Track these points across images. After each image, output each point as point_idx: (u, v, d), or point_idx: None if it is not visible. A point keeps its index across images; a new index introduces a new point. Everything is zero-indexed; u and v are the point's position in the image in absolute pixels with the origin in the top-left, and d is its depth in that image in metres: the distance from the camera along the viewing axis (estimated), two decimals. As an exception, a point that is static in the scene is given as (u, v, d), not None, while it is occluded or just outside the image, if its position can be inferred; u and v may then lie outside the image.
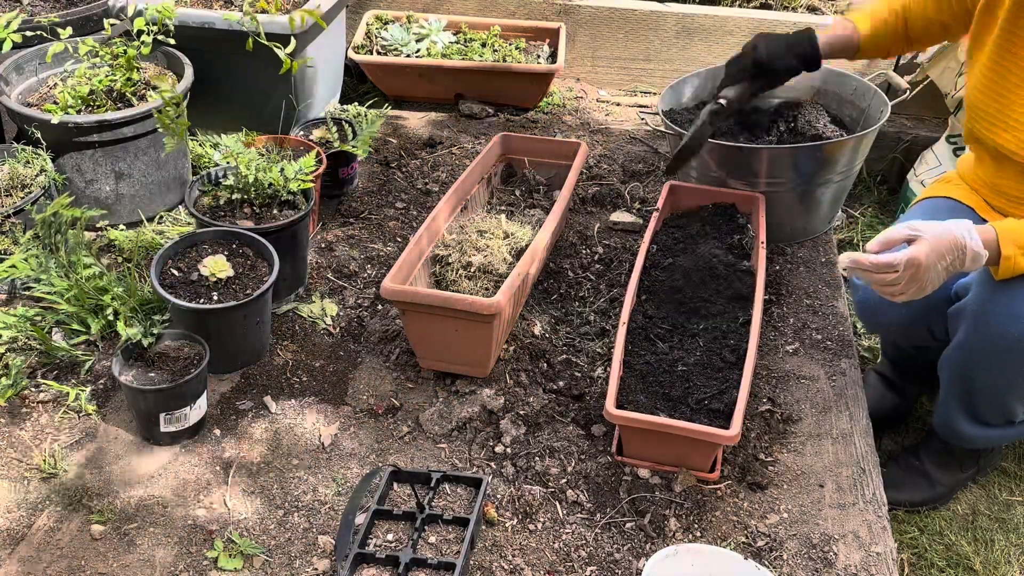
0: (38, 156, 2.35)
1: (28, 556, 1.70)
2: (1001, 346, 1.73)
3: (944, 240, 1.59)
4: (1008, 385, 1.81)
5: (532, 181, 2.66)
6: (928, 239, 1.59)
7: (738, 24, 3.26)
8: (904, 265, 1.59)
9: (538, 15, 3.42)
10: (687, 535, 1.77)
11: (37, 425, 1.98)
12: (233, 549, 1.72)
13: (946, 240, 1.59)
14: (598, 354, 2.19)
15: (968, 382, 1.85)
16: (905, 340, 2.15)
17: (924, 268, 1.59)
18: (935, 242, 1.59)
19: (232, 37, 2.63)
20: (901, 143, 3.11)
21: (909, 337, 2.10)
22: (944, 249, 1.59)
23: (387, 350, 2.20)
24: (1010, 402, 1.85)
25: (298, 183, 2.27)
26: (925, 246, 1.59)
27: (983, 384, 1.83)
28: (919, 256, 1.58)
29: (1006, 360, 1.75)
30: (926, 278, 1.60)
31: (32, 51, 2.58)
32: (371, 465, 1.91)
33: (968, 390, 1.87)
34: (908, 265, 1.59)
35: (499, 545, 1.75)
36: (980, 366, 1.80)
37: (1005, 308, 1.71)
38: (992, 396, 1.85)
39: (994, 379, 1.81)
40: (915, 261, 1.58)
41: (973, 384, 1.85)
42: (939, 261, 1.59)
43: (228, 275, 2.05)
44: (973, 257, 1.61)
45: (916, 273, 1.59)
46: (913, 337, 2.09)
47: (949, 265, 1.61)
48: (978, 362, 1.80)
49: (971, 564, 1.97)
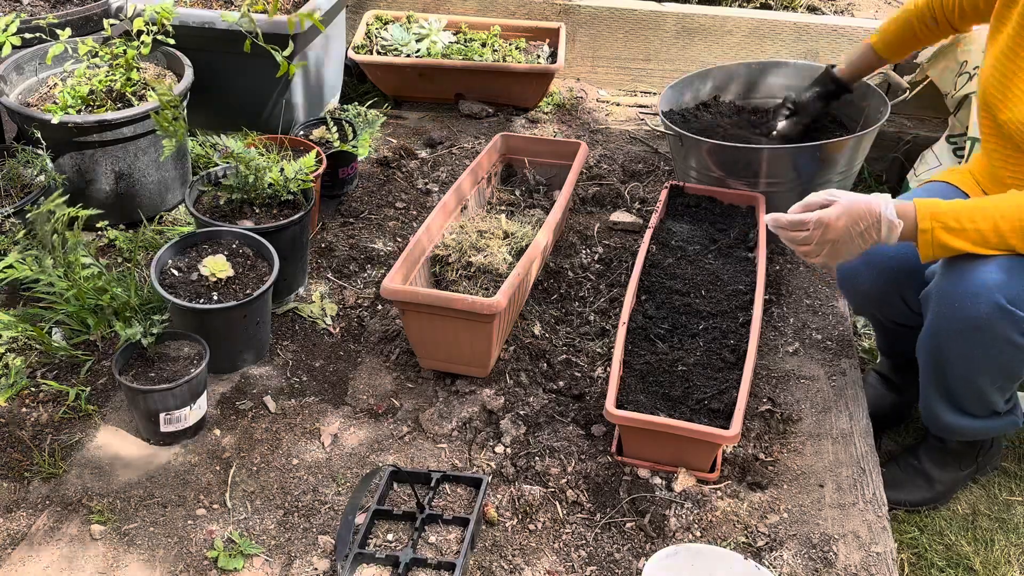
0: (38, 156, 2.35)
1: (28, 556, 1.70)
2: (964, 327, 1.73)
3: (857, 206, 1.68)
4: (977, 368, 1.80)
5: (532, 181, 2.67)
6: (842, 204, 1.69)
7: (738, 24, 3.25)
8: (813, 224, 1.69)
9: (538, 15, 3.42)
10: (687, 535, 1.77)
11: (37, 425, 1.98)
12: (233, 549, 1.72)
13: (859, 207, 1.68)
14: (598, 354, 2.19)
15: (941, 367, 1.85)
16: (884, 313, 2.15)
17: (833, 229, 1.68)
18: (847, 206, 1.68)
19: (232, 37, 2.62)
20: (901, 143, 3.11)
21: (888, 307, 2.10)
22: (856, 215, 1.67)
23: (387, 350, 2.20)
24: (985, 388, 1.84)
25: (298, 183, 2.27)
26: (837, 208, 1.69)
27: (954, 368, 1.82)
28: (828, 217, 1.68)
29: (971, 340, 1.74)
30: (838, 240, 1.69)
31: (32, 51, 2.58)
32: (371, 465, 1.91)
33: (942, 375, 1.86)
34: (817, 224, 1.69)
35: (499, 545, 1.75)
36: (949, 349, 1.80)
37: (965, 288, 1.70)
38: (965, 380, 1.83)
39: (963, 362, 1.80)
40: (823, 221, 1.69)
41: (945, 368, 1.84)
42: (851, 226, 1.68)
43: (228, 275, 2.05)
44: (888, 226, 1.67)
45: (825, 233, 1.69)
46: (891, 308, 2.08)
47: (864, 231, 1.69)
48: (946, 345, 1.80)
49: (971, 564, 1.97)
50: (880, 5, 3.47)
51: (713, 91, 2.75)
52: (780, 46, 3.25)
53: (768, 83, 2.75)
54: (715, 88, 2.76)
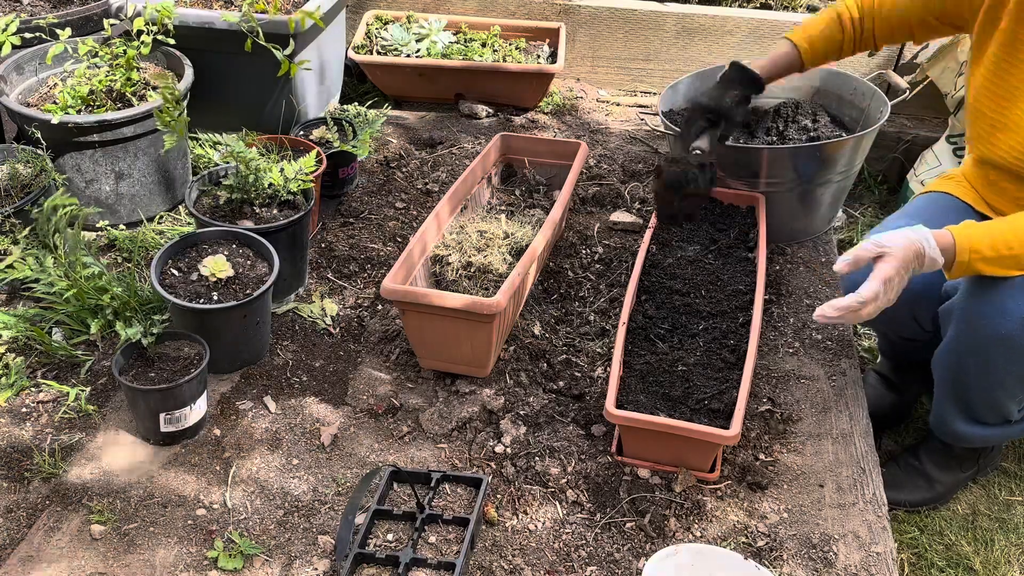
0: (38, 156, 2.35)
1: (28, 556, 1.70)
2: (989, 344, 1.75)
3: (907, 254, 1.64)
4: (999, 383, 1.82)
5: (532, 181, 2.67)
6: (896, 257, 1.63)
7: (738, 24, 3.26)
8: (883, 289, 1.63)
9: (538, 15, 3.42)
10: (687, 535, 1.77)
11: (37, 425, 1.98)
12: (233, 549, 1.72)
13: (909, 254, 1.64)
14: (598, 354, 2.19)
15: (960, 381, 1.86)
16: (894, 330, 2.15)
17: (892, 287, 1.64)
18: (903, 257, 1.64)
19: (232, 37, 2.62)
20: (901, 143, 3.11)
21: (897, 326, 2.11)
22: (909, 261, 1.65)
23: (387, 350, 2.20)
24: (1003, 400, 1.86)
25: (298, 183, 2.27)
26: (894, 262, 1.63)
27: (974, 382, 1.84)
28: (890, 274, 1.63)
29: (995, 357, 1.77)
30: (896, 289, 1.66)
31: (32, 51, 2.58)
32: (371, 465, 1.91)
33: (961, 389, 1.88)
34: (886, 288, 1.63)
35: (499, 545, 1.75)
36: (970, 364, 1.82)
37: (992, 306, 1.72)
38: (984, 394, 1.86)
39: (985, 377, 1.82)
40: (889, 282, 1.63)
41: (965, 383, 1.86)
42: (905, 273, 1.65)
43: (228, 275, 2.05)
44: (931, 263, 1.66)
45: (887, 288, 1.64)
46: (901, 326, 2.09)
47: (911, 273, 1.67)
48: (968, 360, 1.82)
49: (971, 564, 1.97)
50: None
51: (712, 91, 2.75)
52: (780, 46, 3.25)
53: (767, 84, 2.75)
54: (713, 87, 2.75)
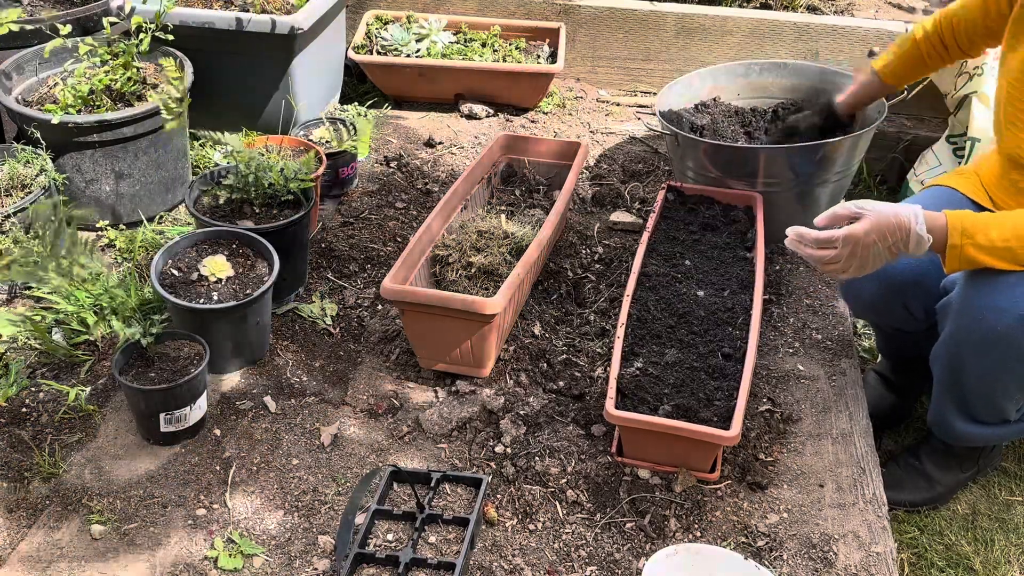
0: (38, 156, 2.35)
1: (28, 556, 1.70)
2: (986, 340, 1.74)
3: (887, 221, 1.63)
4: (996, 380, 1.81)
5: (532, 181, 2.66)
6: (871, 218, 1.63)
7: (738, 24, 3.25)
8: (842, 241, 1.64)
9: (538, 15, 3.42)
10: (687, 535, 1.77)
11: (37, 425, 1.98)
12: (233, 549, 1.72)
13: (889, 221, 1.63)
14: (598, 354, 2.19)
15: (958, 377, 1.85)
16: (886, 321, 2.15)
17: (863, 245, 1.63)
18: (878, 220, 1.63)
19: (232, 37, 2.63)
20: (901, 143, 3.11)
21: (889, 316, 2.10)
22: (887, 229, 1.63)
23: (387, 350, 2.20)
24: (1000, 398, 1.85)
25: (298, 183, 2.27)
26: (866, 223, 1.63)
27: (972, 379, 1.83)
28: (857, 232, 1.63)
29: (992, 354, 1.75)
30: (867, 255, 1.65)
31: (32, 51, 2.58)
32: (371, 465, 1.91)
33: (958, 385, 1.87)
34: (846, 241, 1.64)
35: (499, 545, 1.75)
36: (967, 361, 1.81)
37: (989, 302, 1.70)
38: (982, 391, 1.85)
39: (982, 374, 1.81)
40: (852, 237, 1.63)
41: (963, 379, 1.84)
42: (880, 240, 1.63)
43: (228, 275, 2.05)
44: (917, 241, 1.63)
45: (854, 249, 1.63)
46: (892, 316, 2.08)
47: (892, 245, 1.64)
48: (965, 357, 1.80)
49: (971, 564, 1.97)
50: (880, 5, 3.47)
51: (712, 92, 2.75)
52: (780, 46, 3.25)
53: (767, 84, 2.75)
54: (714, 88, 2.76)
